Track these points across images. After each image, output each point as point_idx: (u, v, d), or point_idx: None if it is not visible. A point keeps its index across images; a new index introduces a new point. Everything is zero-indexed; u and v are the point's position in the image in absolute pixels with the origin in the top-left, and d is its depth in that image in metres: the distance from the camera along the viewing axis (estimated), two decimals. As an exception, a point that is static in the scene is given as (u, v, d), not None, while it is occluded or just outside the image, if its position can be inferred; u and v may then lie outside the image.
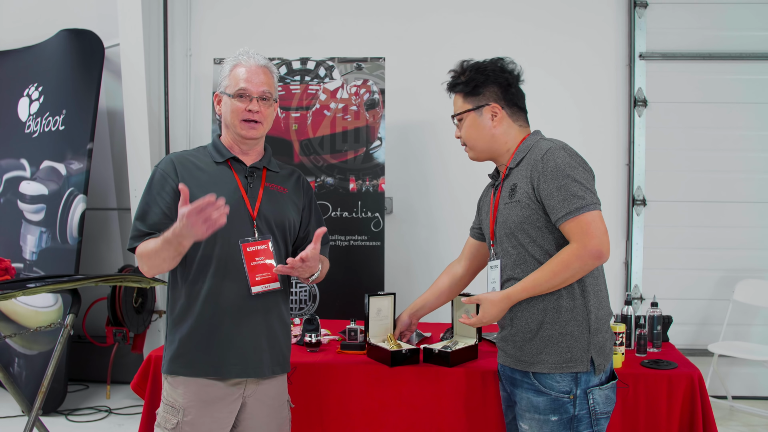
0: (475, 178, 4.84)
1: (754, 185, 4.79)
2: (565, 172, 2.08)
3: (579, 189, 2.06)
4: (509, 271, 2.22)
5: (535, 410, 2.15)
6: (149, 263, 2.14)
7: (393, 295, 3.00)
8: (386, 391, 2.69)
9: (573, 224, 2.06)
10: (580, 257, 2.05)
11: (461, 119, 2.35)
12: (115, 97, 5.01)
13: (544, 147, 2.16)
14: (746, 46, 4.76)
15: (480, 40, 4.86)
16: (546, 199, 2.10)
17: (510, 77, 2.31)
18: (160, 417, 2.23)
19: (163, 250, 2.06)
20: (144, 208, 2.21)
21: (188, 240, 2.01)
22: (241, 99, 2.24)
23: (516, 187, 2.20)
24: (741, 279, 4.68)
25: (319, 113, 4.29)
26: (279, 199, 2.34)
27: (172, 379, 2.21)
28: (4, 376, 3.28)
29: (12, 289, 3.05)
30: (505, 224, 2.22)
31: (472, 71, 2.33)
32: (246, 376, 2.23)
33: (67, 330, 3.22)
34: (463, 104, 2.35)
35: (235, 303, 2.20)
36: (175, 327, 2.22)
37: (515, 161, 2.25)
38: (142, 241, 2.15)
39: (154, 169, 2.28)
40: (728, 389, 4.64)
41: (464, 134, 2.36)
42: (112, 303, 4.46)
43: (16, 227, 4.79)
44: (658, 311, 3.06)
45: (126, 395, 4.70)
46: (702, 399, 2.57)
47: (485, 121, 2.30)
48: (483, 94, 2.30)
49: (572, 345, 2.12)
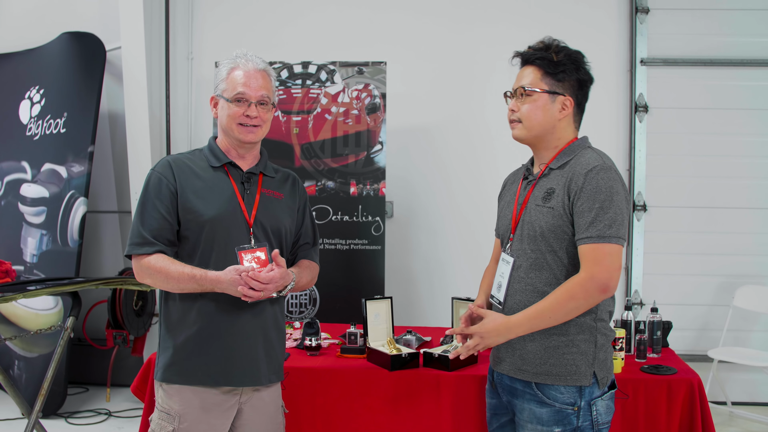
0: (476, 182, 4.88)
1: (754, 191, 4.79)
2: (605, 195, 2.01)
3: (611, 218, 2.00)
4: (522, 274, 2.15)
5: (538, 421, 2.09)
6: (162, 283, 2.14)
7: (390, 299, 3.01)
8: (386, 395, 2.70)
9: (590, 249, 2.00)
10: (586, 289, 1.99)
11: (530, 95, 2.15)
12: (117, 100, 5.02)
13: (591, 161, 2.07)
14: (748, 53, 4.76)
15: (481, 46, 4.88)
16: (577, 215, 2.04)
17: (589, 76, 2.20)
18: (154, 424, 2.21)
19: (187, 283, 2.11)
20: (143, 212, 2.19)
21: (223, 291, 2.11)
22: (239, 104, 2.21)
23: (553, 193, 2.11)
24: (741, 285, 4.67)
25: (320, 117, 4.30)
26: (275, 206, 2.32)
27: (167, 386, 2.19)
28: (4, 378, 3.29)
29: (12, 291, 3.05)
30: (531, 225, 2.14)
31: (564, 55, 2.14)
32: (243, 384, 2.22)
33: (68, 333, 3.23)
34: (539, 81, 2.14)
35: (232, 311, 2.18)
36: (170, 334, 2.20)
37: (558, 162, 2.15)
38: (145, 250, 2.14)
39: (150, 172, 2.25)
40: (728, 395, 4.63)
41: (526, 112, 2.16)
42: (112, 306, 4.46)
43: (16, 230, 4.79)
44: (657, 317, 3.06)
45: (126, 398, 4.70)
46: (701, 405, 2.57)
47: (554, 110, 2.15)
48: (563, 82, 2.15)
49: (578, 358, 2.07)
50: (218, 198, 2.20)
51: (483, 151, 4.89)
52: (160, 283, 2.15)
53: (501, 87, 2.33)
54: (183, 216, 2.18)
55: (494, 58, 4.78)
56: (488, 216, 4.55)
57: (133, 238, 2.18)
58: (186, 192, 2.19)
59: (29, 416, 3.16)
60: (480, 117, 4.88)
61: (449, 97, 4.92)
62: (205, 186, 2.21)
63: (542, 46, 2.17)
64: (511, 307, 2.16)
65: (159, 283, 2.15)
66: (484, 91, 4.85)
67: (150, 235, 2.15)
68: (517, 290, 2.15)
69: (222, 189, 2.23)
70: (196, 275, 2.10)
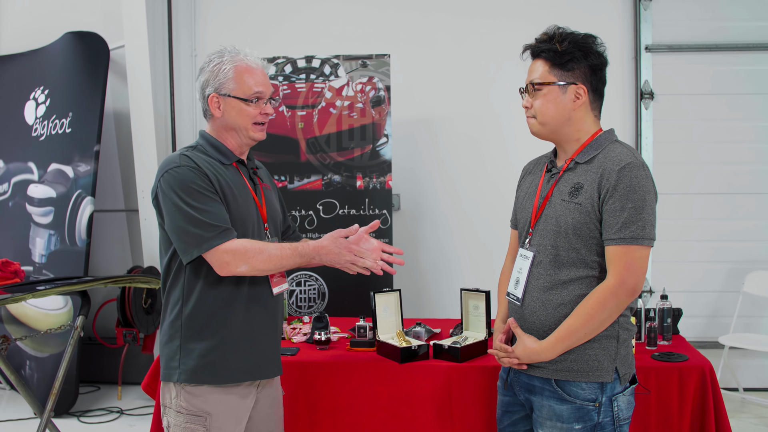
0: (483, 172, 4.87)
1: (763, 176, 4.76)
2: (639, 195, 1.96)
3: (644, 218, 1.95)
4: (542, 270, 2.10)
5: (558, 418, 2.06)
6: (263, 263, 2.07)
7: (398, 291, 3.01)
8: (396, 387, 2.69)
9: (620, 252, 1.96)
10: (617, 295, 1.96)
11: (540, 89, 2.10)
12: (121, 99, 5.02)
13: (624, 157, 2.00)
14: (753, 37, 4.73)
15: (485, 35, 4.86)
16: (608, 214, 1.98)
17: (601, 60, 2.11)
18: (179, 429, 2.13)
19: (290, 259, 2.10)
20: (196, 206, 2.05)
21: (328, 263, 2.13)
22: (256, 103, 2.19)
23: (581, 189, 2.04)
24: (751, 271, 4.65)
25: (325, 111, 4.29)
26: (272, 198, 2.37)
27: (192, 388, 2.11)
28: (16, 378, 3.30)
29: (22, 291, 3.06)
30: (555, 221, 2.07)
31: (569, 43, 2.07)
32: (269, 376, 2.25)
33: (78, 332, 3.24)
34: (547, 74, 2.09)
35: (262, 306, 2.20)
36: (198, 335, 2.11)
37: (584, 156, 2.09)
38: (227, 237, 2.06)
39: (179, 169, 2.09)
40: (739, 381, 4.62)
41: (539, 107, 2.11)
42: (121, 304, 4.47)
43: (24, 230, 4.81)
44: (668, 304, 3.05)
45: (137, 396, 4.72)
46: (713, 391, 2.56)
47: (567, 100, 2.08)
48: (573, 71, 2.07)
49: (600, 354, 2.03)
50: (240, 195, 2.18)
51: (489, 141, 4.88)
52: (260, 264, 2.06)
53: (505, 77, 2.33)
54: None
55: (498, 49, 4.77)
56: (496, 206, 4.57)
57: (203, 233, 2.04)
58: (221, 185, 2.13)
59: (41, 416, 3.17)
60: (485, 107, 4.86)
61: (454, 89, 4.90)
62: (230, 182, 2.17)
63: (546, 38, 2.11)
64: (528, 305, 2.13)
65: (259, 264, 2.06)
66: (489, 81, 4.83)
67: (223, 222, 2.07)
68: (536, 287, 2.11)
69: (241, 186, 2.21)
70: (298, 247, 2.10)
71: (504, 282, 2.36)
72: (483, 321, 2.88)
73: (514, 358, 2.13)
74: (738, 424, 4.15)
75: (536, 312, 2.10)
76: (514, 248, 2.38)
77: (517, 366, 2.13)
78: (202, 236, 2.04)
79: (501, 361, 2.18)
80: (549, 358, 2.05)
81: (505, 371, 2.28)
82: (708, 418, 2.53)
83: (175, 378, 2.12)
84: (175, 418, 2.14)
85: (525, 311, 2.14)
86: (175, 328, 2.14)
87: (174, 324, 2.15)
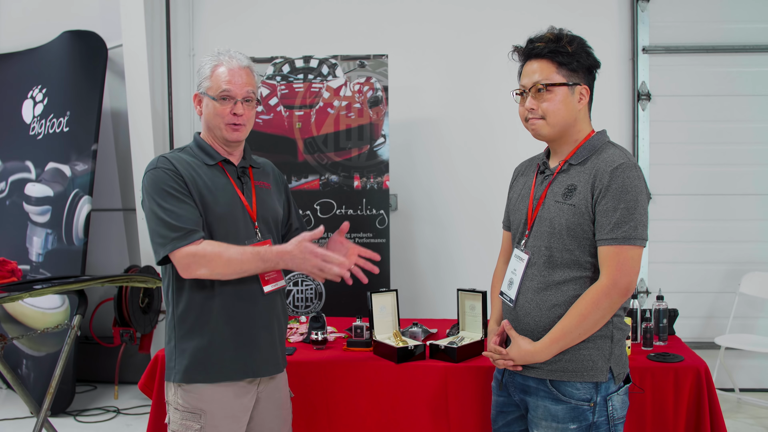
0: (479, 173, 4.88)
1: (759, 178, 4.78)
2: (631, 195, 1.96)
3: (636, 218, 1.96)
4: (536, 271, 2.11)
5: (553, 419, 2.06)
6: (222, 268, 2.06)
7: (395, 291, 3.01)
8: (393, 387, 2.70)
9: (613, 252, 1.97)
10: (609, 295, 1.97)
11: (550, 90, 2.07)
12: (119, 98, 5.02)
13: (616, 159, 2.01)
14: (750, 39, 4.74)
15: (483, 37, 4.87)
16: (600, 214, 1.99)
17: (596, 61, 2.12)
18: (176, 425, 2.17)
19: (251, 263, 2.07)
20: (166, 207, 2.08)
21: (294, 268, 2.09)
22: (224, 101, 2.18)
23: (575, 190, 2.05)
24: (747, 271, 4.67)
25: (322, 111, 4.29)
26: (268, 197, 2.35)
27: (187, 386, 2.15)
28: (12, 377, 3.30)
29: (19, 290, 3.06)
30: (549, 222, 2.08)
31: (576, 45, 2.07)
32: (266, 374, 2.25)
33: (74, 331, 3.23)
34: (555, 75, 2.06)
35: (252, 305, 2.20)
36: (189, 335, 2.15)
37: (578, 158, 2.09)
38: (192, 239, 2.06)
39: (152, 171, 2.14)
40: (735, 382, 4.63)
41: (550, 108, 2.07)
42: (118, 303, 4.47)
43: (22, 229, 4.80)
44: (664, 304, 3.06)
45: (134, 395, 4.72)
46: (709, 392, 2.56)
47: (574, 101, 2.08)
48: (577, 72, 2.08)
49: (594, 354, 2.04)
50: (223, 194, 2.19)
51: (485, 141, 4.89)
52: (219, 269, 2.06)
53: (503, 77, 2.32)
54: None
55: (495, 49, 4.74)
56: (492, 207, 4.57)
57: (168, 233, 2.06)
58: (198, 186, 2.15)
59: (38, 415, 3.17)
60: (482, 108, 4.87)
61: (451, 89, 4.91)
62: (209, 182, 2.19)
63: (553, 38, 2.09)
64: (522, 306, 2.13)
65: (218, 268, 2.05)
66: (486, 81, 4.84)
67: (189, 225, 2.08)
68: (530, 288, 2.12)
69: (223, 185, 2.22)
70: (260, 252, 2.06)
71: (497, 283, 2.36)
72: (479, 321, 2.89)
73: (508, 360, 2.13)
74: (734, 424, 4.16)
75: (530, 313, 2.11)
76: (506, 250, 2.38)
77: (512, 367, 2.14)
78: (167, 237, 2.07)
79: (496, 363, 2.19)
80: (544, 359, 2.06)
81: (499, 372, 2.29)
82: (703, 418, 2.53)
83: (172, 377, 2.18)
84: (173, 415, 2.19)
85: (519, 312, 2.15)
86: (170, 329, 2.21)
87: (169, 325, 2.21)
